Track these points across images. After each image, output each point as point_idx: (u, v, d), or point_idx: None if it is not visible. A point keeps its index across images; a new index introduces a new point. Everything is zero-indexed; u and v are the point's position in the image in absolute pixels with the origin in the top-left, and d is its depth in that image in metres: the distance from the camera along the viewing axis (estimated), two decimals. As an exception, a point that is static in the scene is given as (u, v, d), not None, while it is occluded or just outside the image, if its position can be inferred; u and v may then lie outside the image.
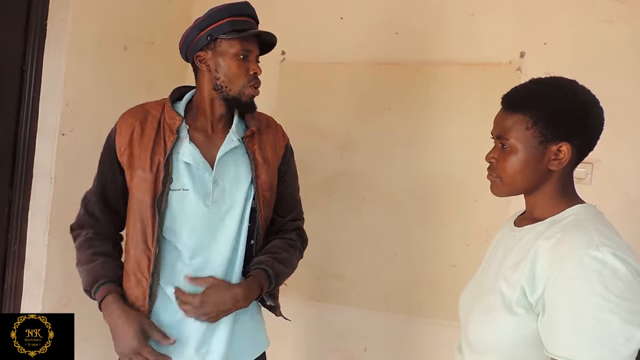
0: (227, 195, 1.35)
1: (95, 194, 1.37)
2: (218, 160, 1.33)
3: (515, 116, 0.96)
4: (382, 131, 2.06)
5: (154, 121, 1.34)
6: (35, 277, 1.71)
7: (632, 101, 1.76)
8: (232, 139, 1.37)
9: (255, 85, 1.34)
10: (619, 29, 1.77)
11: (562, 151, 0.94)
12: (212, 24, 1.30)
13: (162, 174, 1.29)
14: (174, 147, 1.31)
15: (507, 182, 0.99)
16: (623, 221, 1.74)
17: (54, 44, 1.73)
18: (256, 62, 1.35)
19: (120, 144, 1.33)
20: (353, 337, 2.08)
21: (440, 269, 1.97)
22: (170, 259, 1.32)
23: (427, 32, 2.01)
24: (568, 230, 0.91)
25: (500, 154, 0.99)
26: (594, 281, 0.82)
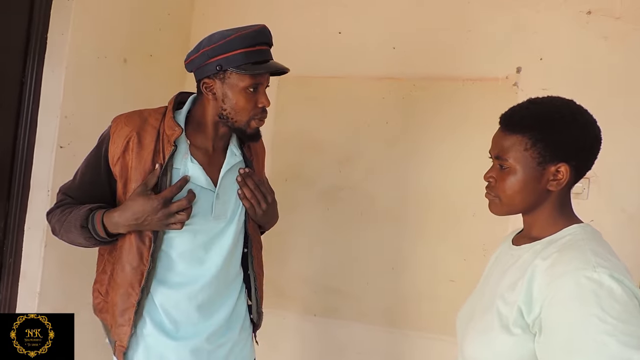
0: (229, 208, 1.35)
1: (66, 191, 1.33)
2: (223, 176, 1.33)
3: (513, 137, 0.97)
4: (380, 146, 2.07)
5: (152, 131, 1.28)
6: (30, 290, 1.70)
7: (628, 116, 1.78)
8: (235, 153, 1.37)
9: (262, 118, 1.31)
10: (613, 44, 1.80)
11: (560, 172, 0.95)
12: (224, 53, 1.23)
13: (158, 187, 1.26)
14: (172, 160, 1.27)
15: (506, 202, 0.99)
16: (619, 236, 1.75)
17: (53, 57, 1.74)
18: (265, 94, 1.30)
19: (114, 152, 1.27)
20: (350, 352, 2.06)
21: (438, 284, 1.96)
22: (162, 272, 1.30)
23: (425, 47, 2.03)
24: (564, 250, 0.92)
25: (498, 174, 1.00)
26: (590, 302, 0.82)
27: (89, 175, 1.31)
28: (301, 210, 2.16)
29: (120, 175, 1.28)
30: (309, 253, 2.14)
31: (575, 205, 1.85)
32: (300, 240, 2.15)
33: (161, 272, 1.30)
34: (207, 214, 1.31)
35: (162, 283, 1.30)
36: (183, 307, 1.31)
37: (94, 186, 1.30)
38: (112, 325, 1.30)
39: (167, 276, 1.30)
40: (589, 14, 1.83)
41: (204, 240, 1.32)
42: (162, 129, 1.29)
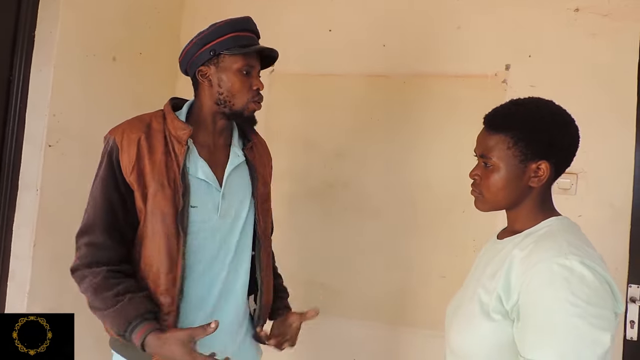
0: (233, 209, 1.36)
1: (100, 223, 1.25)
2: (228, 175, 1.35)
3: (497, 136, 1.02)
4: (371, 142, 2.08)
5: (159, 134, 1.29)
6: (19, 290, 1.69)
7: (615, 112, 1.80)
8: (238, 154, 1.39)
9: (259, 100, 1.35)
10: (601, 41, 1.81)
11: (541, 169, 1.00)
12: (215, 39, 1.30)
13: (180, 188, 1.26)
14: (185, 160, 1.29)
15: (490, 198, 1.05)
16: (607, 231, 1.77)
17: (41, 55, 1.72)
18: (258, 78, 1.35)
19: (127, 162, 1.25)
20: (341, 348, 2.07)
21: (428, 279, 1.97)
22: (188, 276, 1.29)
23: (415, 45, 2.04)
24: (540, 241, 0.97)
25: (483, 172, 1.05)
26: (562, 287, 0.88)
27: (109, 195, 1.26)
28: (292, 207, 2.16)
29: (138, 184, 1.26)
30: (300, 249, 2.15)
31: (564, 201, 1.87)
32: (291, 237, 2.15)
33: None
34: (213, 212, 1.32)
35: None
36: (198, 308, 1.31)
37: (116, 208, 1.26)
38: None
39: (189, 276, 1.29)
40: (576, 11, 1.85)
41: (210, 238, 1.32)
42: (167, 130, 1.31)
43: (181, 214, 1.26)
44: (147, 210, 1.26)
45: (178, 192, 1.26)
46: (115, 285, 1.21)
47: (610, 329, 0.86)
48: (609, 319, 0.87)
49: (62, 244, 1.73)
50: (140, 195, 1.26)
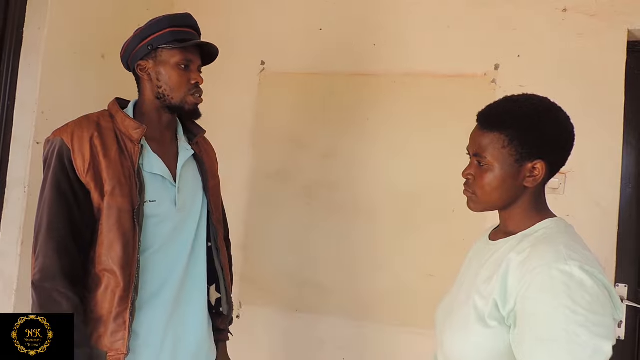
0: (188, 202, 1.39)
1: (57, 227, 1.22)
2: (181, 168, 1.38)
3: (491, 135, 0.99)
4: (361, 141, 2.08)
5: (109, 132, 1.30)
6: (7, 288, 1.67)
7: (603, 112, 1.81)
8: (187, 148, 1.42)
9: (197, 93, 1.37)
10: (588, 41, 1.83)
11: (536, 168, 0.97)
12: (153, 33, 1.32)
13: (136, 185, 1.27)
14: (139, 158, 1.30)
15: (484, 198, 1.01)
16: (594, 230, 1.79)
17: (30, 52, 1.71)
18: (197, 72, 1.37)
19: (81, 161, 1.24)
20: (331, 347, 2.07)
21: (418, 278, 1.98)
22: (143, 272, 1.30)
23: (404, 44, 2.04)
24: (538, 244, 0.94)
25: (477, 171, 1.01)
26: (561, 294, 0.84)
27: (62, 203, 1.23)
28: (282, 206, 2.16)
29: (95, 182, 1.25)
30: (290, 248, 2.15)
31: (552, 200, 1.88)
32: (281, 236, 2.15)
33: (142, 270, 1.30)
34: (171, 206, 1.34)
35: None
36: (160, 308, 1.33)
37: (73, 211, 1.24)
38: (102, 335, 1.25)
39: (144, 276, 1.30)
40: (564, 11, 1.86)
41: (168, 231, 1.34)
42: (118, 129, 1.31)
43: (137, 210, 1.27)
44: (104, 207, 1.25)
45: (134, 189, 1.27)
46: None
47: (611, 337, 0.83)
48: (610, 327, 0.84)
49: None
50: (97, 194, 1.25)
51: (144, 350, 1.30)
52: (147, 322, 1.30)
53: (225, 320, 1.52)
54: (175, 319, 1.35)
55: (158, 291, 1.33)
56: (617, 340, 1.79)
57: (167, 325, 1.34)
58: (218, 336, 1.51)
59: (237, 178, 2.16)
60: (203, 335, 1.43)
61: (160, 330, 1.32)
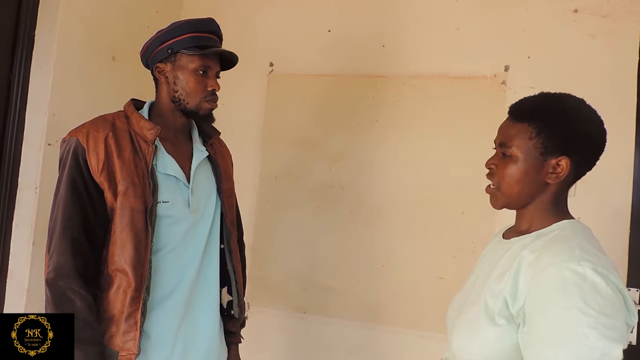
0: (202, 204, 1.39)
1: (71, 225, 1.23)
2: (195, 169, 1.38)
3: (519, 125, 0.98)
4: (370, 143, 2.08)
5: (124, 133, 1.31)
6: (18, 288, 1.69)
7: (614, 113, 1.79)
8: (201, 149, 1.42)
9: (212, 100, 1.37)
10: (600, 42, 1.81)
11: (560, 165, 0.95)
12: (174, 37, 1.33)
13: (149, 186, 1.28)
14: (153, 159, 1.31)
15: (505, 190, 1.00)
16: (607, 232, 1.76)
17: (41, 55, 1.73)
18: (215, 79, 1.37)
19: (95, 161, 1.25)
20: (338, 349, 2.07)
21: (427, 281, 1.97)
22: (156, 273, 1.31)
23: (414, 46, 2.04)
24: (551, 244, 0.92)
25: (500, 162, 1.00)
26: (573, 295, 0.83)
27: (76, 203, 1.24)
28: (291, 208, 2.16)
29: (109, 182, 1.25)
30: (299, 250, 2.15)
31: (563, 202, 1.85)
32: (289, 238, 2.15)
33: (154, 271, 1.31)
34: (185, 207, 1.35)
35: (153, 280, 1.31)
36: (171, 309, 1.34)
37: (86, 210, 1.25)
38: (114, 334, 1.26)
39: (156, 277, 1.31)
40: (575, 12, 1.84)
41: (181, 232, 1.34)
42: (132, 130, 1.32)
43: (150, 211, 1.27)
44: (117, 207, 1.26)
45: (147, 190, 1.27)
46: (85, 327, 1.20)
47: (622, 341, 0.81)
48: (621, 331, 0.82)
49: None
50: (111, 194, 1.26)
51: (155, 351, 1.30)
52: (158, 323, 1.31)
53: (237, 323, 1.52)
54: (187, 321, 1.36)
55: (170, 292, 1.33)
56: (629, 345, 1.76)
57: (179, 327, 1.34)
58: (230, 338, 1.51)
59: (246, 179, 2.16)
60: (214, 337, 1.43)
61: (172, 332, 1.33)
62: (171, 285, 1.33)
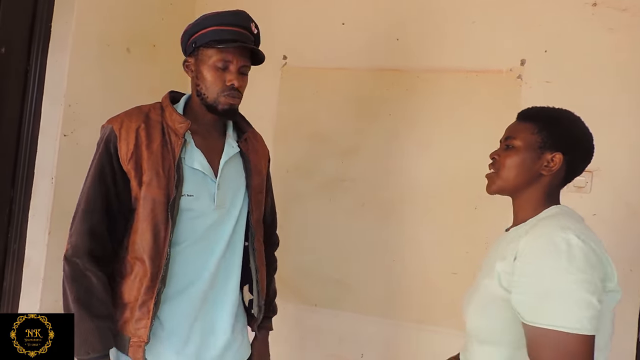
0: (228, 199, 1.38)
1: (94, 209, 1.27)
2: (223, 165, 1.37)
3: (526, 124, 1.14)
4: (383, 137, 2.07)
5: (157, 125, 1.32)
6: (34, 277, 1.72)
7: (633, 109, 1.76)
8: (232, 145, 1.41)
9: (231, 95, 1.33)
10: (619, 36, 1.78)
11: (554, 160, 1.10)
12: (197, 32, 1.33)
13: (174, 178, 1.29)
14: (181, 152, 1.31)
15: (502, 175, 1.13)
16: (622, 230, 1.75)
17: (57, 46, 1.74)
18: (236, 73, 1.32)
19: (125, 149, 1.28)
20: (350, 343, 2.07)
21: (439, 276, 1.96)
22: (173, 265, 1.32)
23: (428, 39, 2.02)
24: (540, 222, 1.07)
25: (503, 152, 1.15)
26: (560, 257, 0.96)
27: (102, 187, 1.28)
28: (303, 201, 2.17)
29: (135, 171, 1.28)
30: (310, 244, 2.15)
31: (578, 199, 1.85)
32: (301, 231, 2.16)
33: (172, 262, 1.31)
34: (210, 202, 1.34)
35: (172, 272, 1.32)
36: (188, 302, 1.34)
37: (110, 195, 1.28)
38: (128, 320, 1.29)
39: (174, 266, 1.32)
40: (594, 5, 1.81)
41: (205, 227, 1.34)
42: (165, 123, 1.33)
43: (172, 203, 1.28)
44: (141, 197, 1.28)
45: (171, 182, 1.28)
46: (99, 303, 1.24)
47: (598, 293, 0.95)
48: (597, 285, 0.95)
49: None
50: (136, 183, 1.28)
51: (169, 340, 1.32)
52: (173, 314, 1.32)
53: (255, 323, 1.50)
54: (204, 315, 1.36)
55: (188, 285, 1.34)
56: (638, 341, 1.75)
57: (195, 320, 1.34)
58: (261, 324, 1.53)
59: (259, 172, 2.16)
60: (234, 332, 1.42)
61: (187, 324, 1.34)
62: (190, 278, 1.33)
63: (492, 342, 1.07)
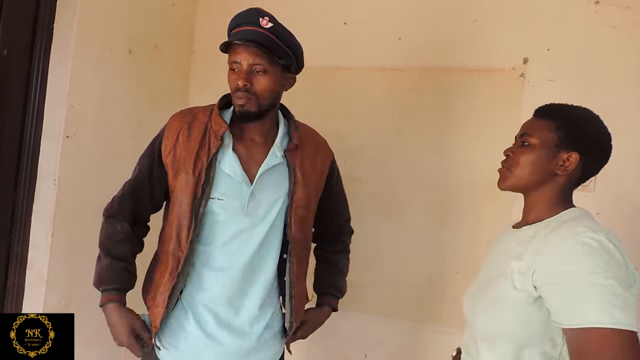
0: (262, 208, 1.35)
1: (128, 188, 1.40)
2: (260, 174, 1.34)
3: (543, 121, 1.10)
4: (386, 137, 2.06)
5: (200, 126, 1.35)
6: (37, 278, 1.72)
7: (636, 107, 1.76)
8: (276, 154, 1.37)
9: (237, 97, 1.30)
10: (622, 34, 1.77)
11: (570, 159, 1.06)
12: (228, 34, 1.35)
13: (202, 179, 1.30)
14: (217, 154, 1.32)
15: (516, 172, 1.10)
16: (626, 229, 1.73)
17: (60, 48, 1.74)
18: (242, 73, 1.28)
19: (166, 145, 1.36)
20: (354, 343, 2.07)
21: (443, 276, 1.96)
22: (199, 265, 1.34)
23: (431, 38, 2.01)
24: (564, 223, 1.03)
25: (518, 149, 1.11)
26: (594, 256, 0.93)
27: (142, 169, 1.39)
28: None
29: (172, 167, 1.35)
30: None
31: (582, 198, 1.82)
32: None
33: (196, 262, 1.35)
34: (239, 210, 1.33)
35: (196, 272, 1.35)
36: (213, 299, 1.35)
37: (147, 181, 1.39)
38: (151, 306, 1.37)
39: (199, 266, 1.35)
40: (597, 3, 1.80)
41: (232, 232, 1.34)
42: (210, 124, 1.35)
43: (197, 203, 1.30)
44: (175, 191, 1.35)
45: (200, 182, 1.30)
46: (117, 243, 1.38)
47: (630, 290, 0.94)
48: (629, 282, 0.94)
49: (79, 234, 1.76)
50: (172, 177, 1.35)
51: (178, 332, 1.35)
52: (190, 310, 1.35)
53: (284, 339, 1.47)
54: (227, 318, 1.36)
55: (210, 286, 1.34)
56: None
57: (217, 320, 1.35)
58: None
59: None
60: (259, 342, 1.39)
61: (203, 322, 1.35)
62: (213, 280, 1.34)
63: (499, 341, 1.04)
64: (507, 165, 1.12)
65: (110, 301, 1.34)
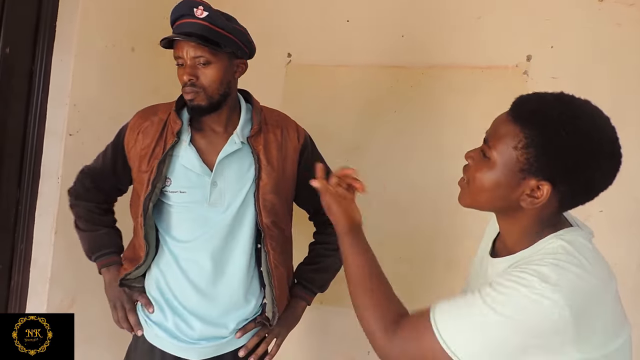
0: (226, 197, 1.36)
1: (89, 174, 1.49)
2: (218, 162, 1.34)
3: (512, 126, 0.82)
4: (388, 134, 2.06)
5: (160, 123, 1.38)
6: (41, 276, 1.73)
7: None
8: (235, 141, 1.36)
9: (185, 91, 1.30)
10: (627, 31, 1.76)
11: (540, 190, 0.81)
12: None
13: (154, 174, 1.32)
14: (173, 150, 1.34)
15: (472, 190, 0.89)
16: (630, 226, 1.73)
17: (62, 45, 1.74)
18: (186, 68, 1.28)
19: (128, 139, 1.40)
20: (356, 340, 2.06)
21: (445, 274, 1.96)
22: (169, 259, 1.38)
23: (434, 35, 2.01)
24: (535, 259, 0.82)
25: (477, 159, 0.88)
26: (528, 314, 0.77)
27: (108, 161, 1.46)
28: (309, 199, 2.16)
29: (133, 162, 1.39)
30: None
31: (585, 195, 1.80)
32: (307, 229, 2.15)
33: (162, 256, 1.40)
34: (202, 201, 1.35)
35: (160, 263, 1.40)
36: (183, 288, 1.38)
37: (111, 171, 1.46)
38: None
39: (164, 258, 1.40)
40: (601, 1, 1.79)
41: (199, 223, 1.36)
42: (169, 121, 1.37)
43: (147, 198, 1.33)
44: (135, 187, 1.42)
45: (151, 177, 1.32)
46: (98, 216, 1.48)
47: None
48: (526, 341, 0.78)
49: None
50: (135, 172, 1.40)
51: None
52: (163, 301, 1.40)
53: (264, 330, 1.47)
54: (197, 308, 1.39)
55: (185, 279, 1.38)
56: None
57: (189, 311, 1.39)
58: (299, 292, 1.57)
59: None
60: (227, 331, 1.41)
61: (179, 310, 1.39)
62: (185, 271, 1.38)
63: None
64: (466, 175, 0.90)
65: (108, 265, 1.45)
